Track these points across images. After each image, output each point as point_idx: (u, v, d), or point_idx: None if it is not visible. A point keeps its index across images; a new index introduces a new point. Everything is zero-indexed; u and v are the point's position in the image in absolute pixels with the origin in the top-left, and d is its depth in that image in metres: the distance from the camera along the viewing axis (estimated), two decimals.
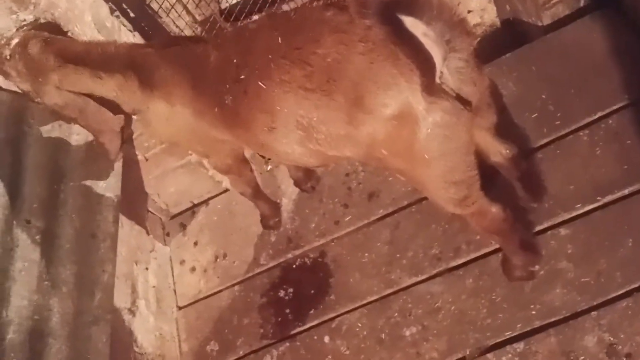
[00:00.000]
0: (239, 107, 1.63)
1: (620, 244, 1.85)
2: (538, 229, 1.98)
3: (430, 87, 1.35)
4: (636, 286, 1.79)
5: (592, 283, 1.83)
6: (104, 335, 1.88)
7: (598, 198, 1.94)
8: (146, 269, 2.50)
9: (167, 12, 2.40)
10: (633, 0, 2.16)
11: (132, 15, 2.35)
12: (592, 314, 1.80)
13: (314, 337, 2.19)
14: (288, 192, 2.55)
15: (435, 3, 1.31)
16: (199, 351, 2.38)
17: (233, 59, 1.63)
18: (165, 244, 2.72)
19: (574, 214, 1.96)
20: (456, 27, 1.35)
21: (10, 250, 1.85)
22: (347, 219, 2.36)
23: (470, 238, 2.08)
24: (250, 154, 2.61)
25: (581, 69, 2.15)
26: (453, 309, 2.00)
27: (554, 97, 2.15)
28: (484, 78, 1.55)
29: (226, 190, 2.74)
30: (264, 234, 2.52)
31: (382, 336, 2.07)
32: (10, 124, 2.03)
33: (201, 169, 2.65)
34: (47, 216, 1.96)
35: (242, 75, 1.60)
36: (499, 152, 1.90)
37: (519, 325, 1.87)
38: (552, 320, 1.84)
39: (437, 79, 1.35)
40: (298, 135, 1.58)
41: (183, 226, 2.76)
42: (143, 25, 2.39)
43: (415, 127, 1.39)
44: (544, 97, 2.17)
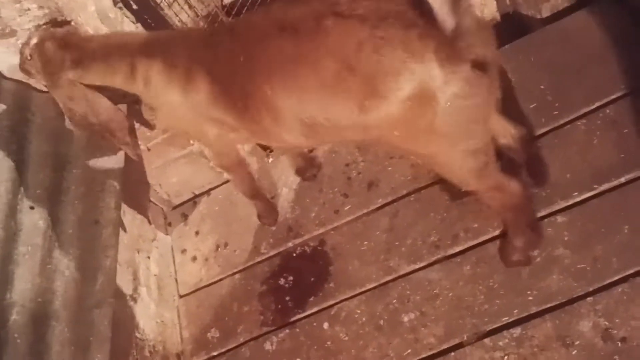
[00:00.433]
0: (248, 98, 1.63)
1: (616, 230, 1.87)
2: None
3: (447, 57, 1.32)
4: (632, 272, 1.80)
5: (588, 269, 1.85)
6: (106, 319, 1.90)
7: (595, 186, 1.96)
8: (148, 257, 2.52)
9: (170, 4, 2.42)
10: None
11: (134, 7, 2.38)
12: (588, 299, 1.82)
13: (314, 324, 2.21)
14: (289, 182, 2.57)
15: None
16: (200, 338, 2.40)
17: (242, 51, 1.61)
18: (167, 234, 2.75)
19: (571, 201, 1.98)
20: None
21: (14, 234, 1.87)
22: (346, 208, 2.38)
23: (468, 226, 2.10)
24: (251, 148, 2.63)
25: (579, 59, 2.17)
26: (451, 295, 2.02)
27: (552, 87, 2.17)
28: (493, 46, 1.49)
29: (227, 180, 2.77)
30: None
31: (381, 322, 2.09)
32: (14, 112, 2.06)
33: (202, 159, 2.67)
34: (50, 202, 1.99)
35: (249, 66, 1.59)
36: (508, 132, 1.88)
37: (516, 311, 1.89)
38: (549, 305, 1.86)
39: (452, 42, 1.31)
40: (302, 129, 1.59)
41: (185, 216, 2.79)
42: (146, 17, 2.42)
43: (433, 103, 1.37)
44: (543, 87, 2.19)
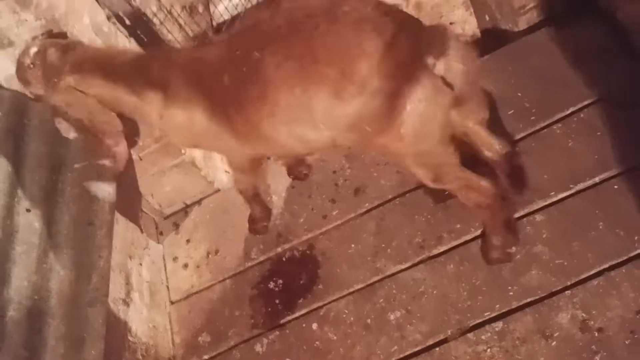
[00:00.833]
0: (245, 108, 1.67)
1: (592, 227, 1.96)
2: (515, 216, 2.07)
3: (418, 68, 1.46)
4: (607, 266, 1.88)
5: (565, 264, 1.93)
6: (100, 317, 1.94)
7: (571, 186, 2.05)
8: (140, 264, 2.56)
9: (162, 21, 2.52)
10: (605, 5, 2.31)
11: (127, 22, 2.47)
12: (566, 293, 1.89)
13: (303, 325, 2.26)
14: (278, 190, 2.64)
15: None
16: (191, 342, 2.44)
17: (236, 60, 1.66)
18: (158, 242, 2.80)
19: (549, 201, 2.07)
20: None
21: (11, 234, 1.91)
22: (334, 213, 2.45)
23: (451, 227, 2.18)
24: None
25: (554, 68, 2.29)
26: (435, 293, 2.08)
27: (529, 94, 2.29)
28: (476, 68, 1.63)
29: (218, 190, 2.84)
30: None
31: (368, 321, 2.15)
32: (11, 116, 2.11)
33: (194, 168, 2.74)
34: (46, 204, 2.04)
35: (246, 75, 1.63)
36: (493, 147, 1.95)
37: (498, 306, 1.96)
38: (529, 300, 1.93)
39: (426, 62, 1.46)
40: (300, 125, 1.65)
41: (176, 225, 2.84)
42: (138, 33, 2.52)
43: (400, 104, 1.48)
44: (520, 94, 2.30)
